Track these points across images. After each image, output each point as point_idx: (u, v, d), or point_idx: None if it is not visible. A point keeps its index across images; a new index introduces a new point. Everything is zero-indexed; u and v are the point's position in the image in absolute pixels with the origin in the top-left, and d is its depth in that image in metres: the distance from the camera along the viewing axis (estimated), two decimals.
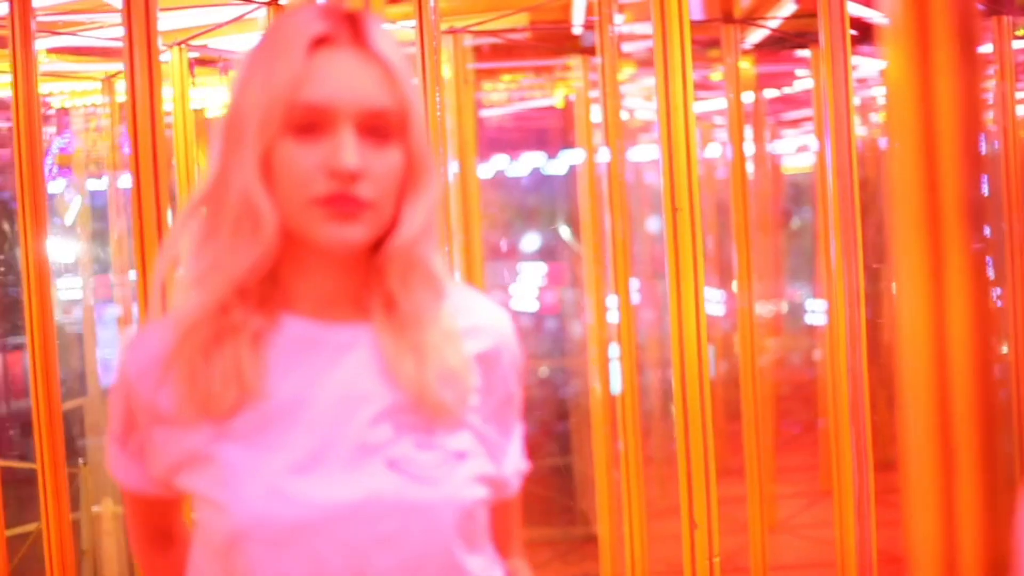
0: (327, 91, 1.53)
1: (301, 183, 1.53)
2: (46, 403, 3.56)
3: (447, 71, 5.23)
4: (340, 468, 1.54)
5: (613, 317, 4.72)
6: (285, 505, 1.51)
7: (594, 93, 5.47)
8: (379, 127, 1.55)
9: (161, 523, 1.83)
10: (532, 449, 1.80)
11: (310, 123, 1.54)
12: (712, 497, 3.32)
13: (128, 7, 2.91)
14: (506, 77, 7.04)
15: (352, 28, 1.57)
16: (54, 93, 6.12)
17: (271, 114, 1.53)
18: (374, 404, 1.58)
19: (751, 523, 4.96)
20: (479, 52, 6.18)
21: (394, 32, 1.65)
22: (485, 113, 7.62)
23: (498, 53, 6.29)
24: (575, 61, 5.72)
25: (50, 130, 6.86)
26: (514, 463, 1.72)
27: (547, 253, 8.85)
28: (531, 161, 9.06)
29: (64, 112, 6.41)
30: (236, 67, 1.65)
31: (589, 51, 5.47)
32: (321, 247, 1.55)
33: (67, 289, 6.50)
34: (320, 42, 1.56)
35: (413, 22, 3.69)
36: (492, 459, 1.65)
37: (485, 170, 8.75)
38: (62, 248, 6.57)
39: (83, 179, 6.40)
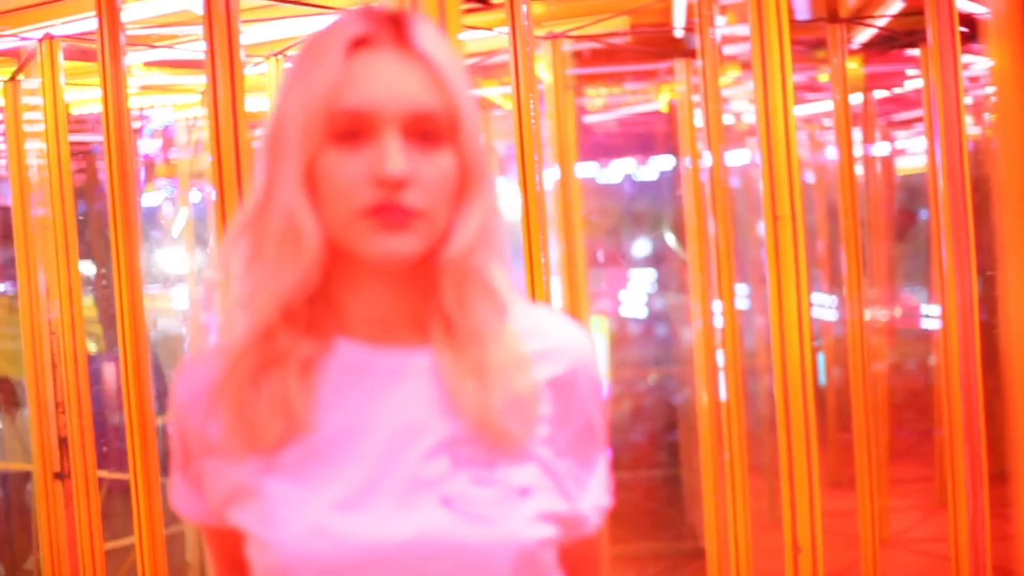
0: (368, 94, 1.44)
1: (345, 194, 1.43)
2: (139, 415, 3.54)
3: (547, 77, 5.17)
4: (390, 505, 1.44)
5: (720, 323, 4.62)
6: (329, 544, 1.42)
7: (697, 97, 5.37)
8: (427, 131, 1.45)
9: (235, 555, 1.74)
10: (640, 459, 1.70)
11: (352, 130, 1.44)
12: (816, 513, 3.22)
13: (210, 19, 2.87)
14: (609, 82, 6.96)
15: (394, 28, 1.47)
16: (155, 106, 6.15)
17: (311, 123, 1.44)
18: (430, 435, 1.47)
19: (862, 538, 4.82)
20: (580, 57, 6.10)
21: (457, 35, 1.55)
22: (589, 119, 7.54)
23: (599, 58, 6.20)
24: (678, 64, 5.62)
25: (153, 143, 6.91)
26: (594, 499, 1.59)
27: (655, 259, 8.75)
28: (636, 166, 8.97)
29: (166, 125, 6.45)
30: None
31: (691, 54, 5.38)
32: (370, 262, 1.45)
33: (177, 299, 6.54)
34: (359, 44, 1.46)
35: (507, 28, 3.63)
36: (564, 495, 1.52)
37: (590, 176, 8.68)
38: (173, 259, 6.63)
39: (187, 191, 6.43)
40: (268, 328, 1.49)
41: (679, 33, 5.62)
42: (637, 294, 8.58)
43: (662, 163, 8.58)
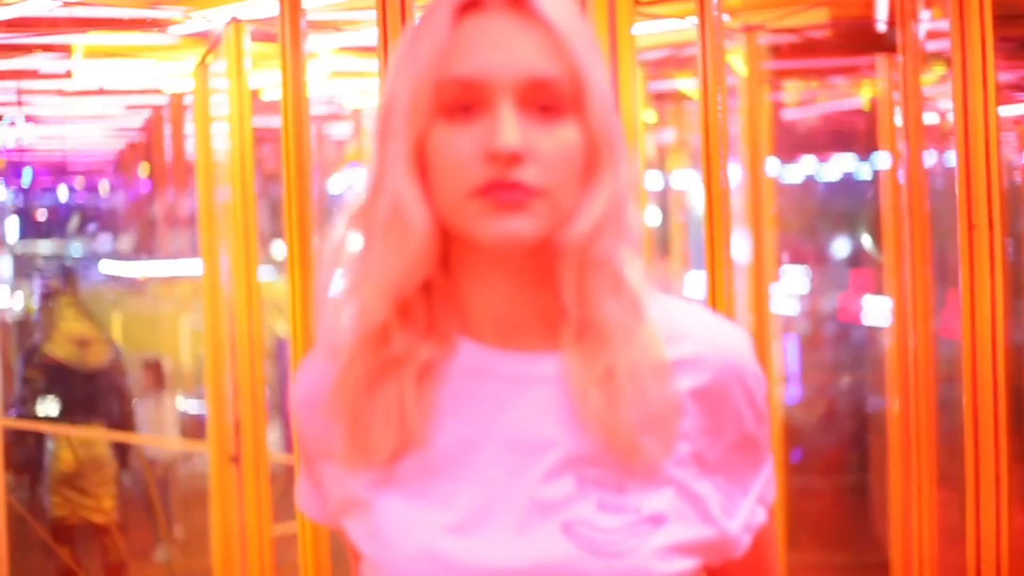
0: (479, 62, 1.32)
1: (457, 172, 1.31)
2: None
3: (741, 69, 5.03)
4: (506, 530, 1.32)
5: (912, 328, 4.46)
6: (440, 570, 1.32)
7: (899, 95, 5.18)
8: (546, 101, 1.32)
9: None
10: (829, 466, 1.54)
11: (464, 102, 1.32)
12: (1003, 531, 3.06)
13: (383, 3, 2.81)
14: (807, 76, 6.77)
15: None
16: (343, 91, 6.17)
17: (419, 97, 1.33)
18: (554, 452, 1.34)
19: None
20: (777, 50, 5.93)
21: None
22: (786, 114, 7.35)
23: (797, 51, 6.02)
24: (879, 60, 5.42)
25: (343, 128, 6.96)
26: (747, 517, 1.43)
27: (853, 260, 8.51)
28: (839, 164, 8.74)
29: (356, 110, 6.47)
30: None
31: (894, 49, 5.18)
32: (487, 247, 1.33)
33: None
34: (469, 8, 1.34)
35: (695, 19, 3.52)
36: (706, 520, 1.38)
37: (790, 174, 8.48)
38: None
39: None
40: (382, 327, 1.38)
41: (881, 27, 5.43)
42: (830, 295, 8.37)
43: (864, 161, 8.34)
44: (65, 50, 4.79)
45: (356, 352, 1.39)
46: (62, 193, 11.33)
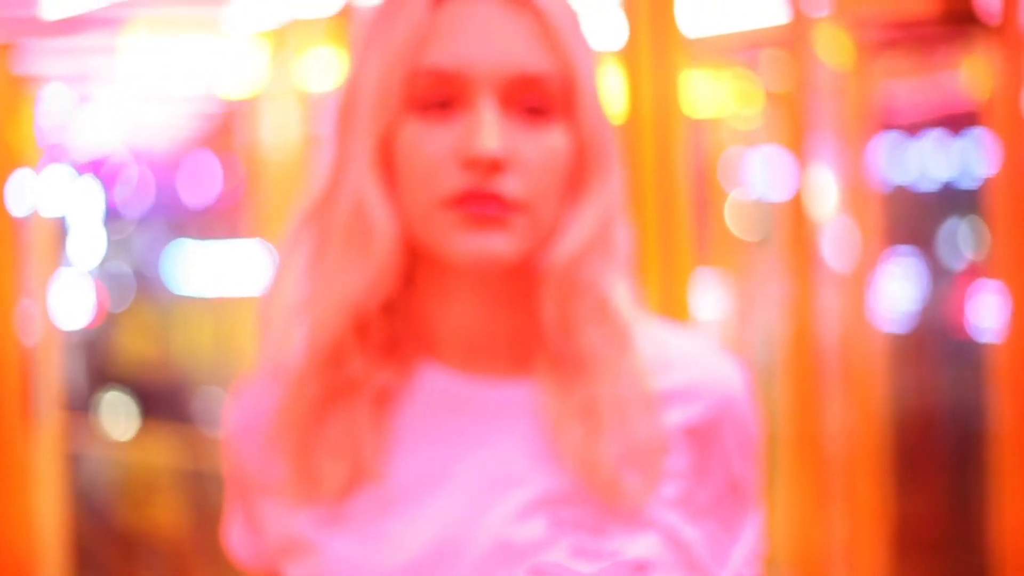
0: (458, 52, 1.16)
1: (427, 177, 1.16)
2: None
3: (834, 60, 4.85)
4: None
5: None
6: None
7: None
8: (533, 100, 1.17)
9: None
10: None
11: (439, 97, 1.17)
12: None
13: None
14: (908, 67, 6.50)
15: None
16: None
17: (387, 87, 1.17)
18: (525, 490, 1.19)
19: None
20: (876, 40, 5.68)
21: None
22: (886, 106, 7.08)
23: (898, 41, 5.77)
24: (983, 49, 5.20)
25: None
26: (737, 570, 1.28)
27: (952, 257, 8.29)
28: (946, 158, 8.47)
29: None
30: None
31: (998, 36, 4.95)
32: (458, 265, 1.18)
33: None
34: None
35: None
36: (693, 570, 1.22)
37: (883, 166, 8.26)
38: None
39: None
40: (336, 347, 1.22)
41: (986, 16, 5.20)
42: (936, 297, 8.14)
43: (969, 152, 8.08)
44: (123, 51, 4.73)
45: (305, 374, 1.24)
46: (131, 200, 11.30)
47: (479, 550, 1.18)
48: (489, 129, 1.14)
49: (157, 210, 11.17)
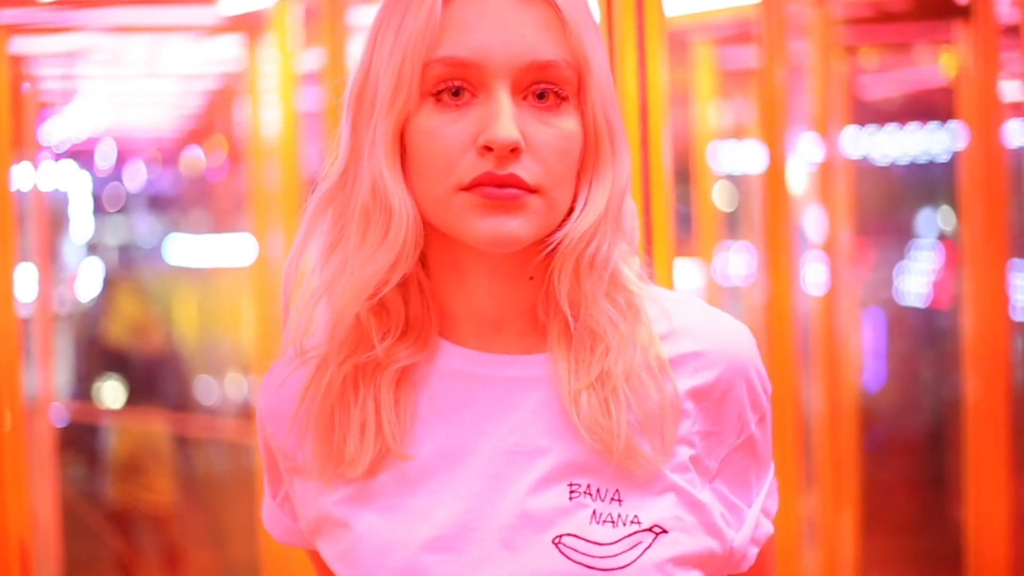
0: (473, 42, 1.22)
1: (445, 163, 1.22)
2: None
3: (811, 39, 4.89)
4: (494, 546, 1.23)
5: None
6: None
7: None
8: (546, 87, 1.23)
9: None
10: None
11: (455, 86, 1.22)
12: None
13: None
14: (882, 47, 6.56)
15: None
16: None
17: (405, 77, 1.22)
18: (545, 460, 1.25)
19: None
20: (851, 20, 5.74)
21: None
22: (860, 86, 7.13)
23: (872, 20, 5.81)
24: (958, 30, 5.24)
25: None
26: (752, 530, 1.33)
27: (933, 239, 8.33)
28: (917, 139, 8.50)
29: None
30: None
31: (973, 19, 4.99)
32: (476, 246, 1.23)
33: None
34: None
35: None
36: (710, 531, 1.28)
37: (859, 146, 8.30)
38: None
39: None
40: (357, 329, 1.28)
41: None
42: (915, 278, 8.18)
43: (943, 135, 8.13)
44: (116, 30, 4.75)
45: (328, 357, 1.30)
46: (124, 177, 11.33)
47: (502, 520, 1.23)
48: (506, 116, 1.20)
49: (148, 189, 11.23)
